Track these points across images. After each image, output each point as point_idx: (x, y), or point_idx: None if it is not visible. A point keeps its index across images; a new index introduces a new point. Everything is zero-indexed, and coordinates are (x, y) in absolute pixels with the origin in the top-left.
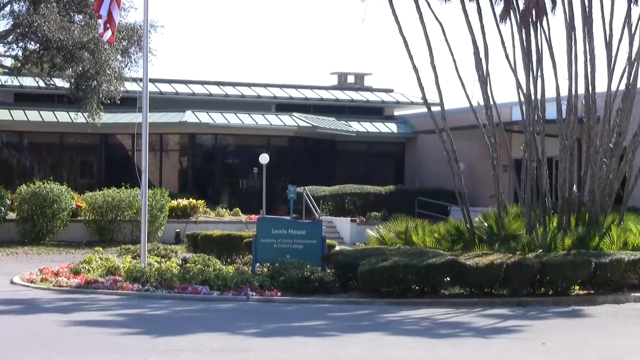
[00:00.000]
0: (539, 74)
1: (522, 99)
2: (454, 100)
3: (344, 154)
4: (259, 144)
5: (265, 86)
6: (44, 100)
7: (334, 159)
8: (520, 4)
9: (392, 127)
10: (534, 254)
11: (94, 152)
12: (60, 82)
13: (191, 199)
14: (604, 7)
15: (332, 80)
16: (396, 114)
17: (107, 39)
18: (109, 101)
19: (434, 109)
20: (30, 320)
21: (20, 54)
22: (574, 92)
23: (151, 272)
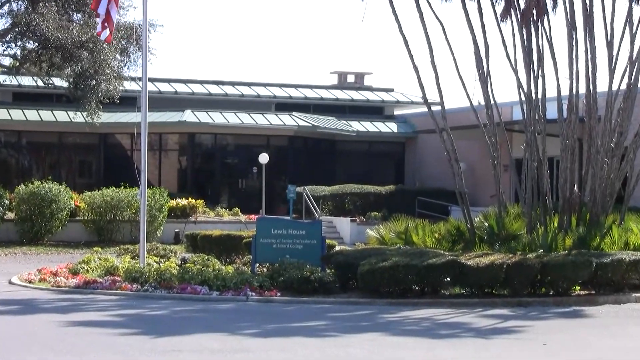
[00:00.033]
0: (540, 73)
1: (523, 98)
2: (455, 99)
3: (344, 153)
4: (259, 144)
5: (264, 85)
6: (42, 99)
7: (334, 158)
8: (521, 3)
9: (392, 127)
10: (534, 254)
11: (93, 151)
12: (58, 82)
13: (190, 199)
14: (605, 6)
15: (332, 79)
16: (396, 113)
17: (104, 38)
18: (108, 100)
19: (434, 108)
20: (28, 320)
21: (18, 53)
22: (575, 91)
23: (150, 273)
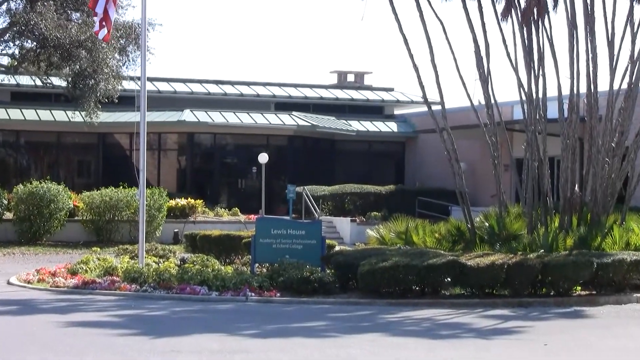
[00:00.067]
0: (541, 72)
1: (524, 97)
2: (455, 99)
3: (344, 153)
4: (258, 144)
5: (264, 85)
6: (41, 99)
7: (333, 158)
8: (521, 2)
9: (392, 126)
10: (535, 254)
11: (92, 151)
12: (57, 81)
13: (190, 199)
14: (606, 5)
15: (332, 78)
16: (396, 113)
17: (102, 37)
18: (107, 100)
19: (434, 107)
20: (27, 321)
21: (17, 52)
22: (575, 90)
23: (149, 273)
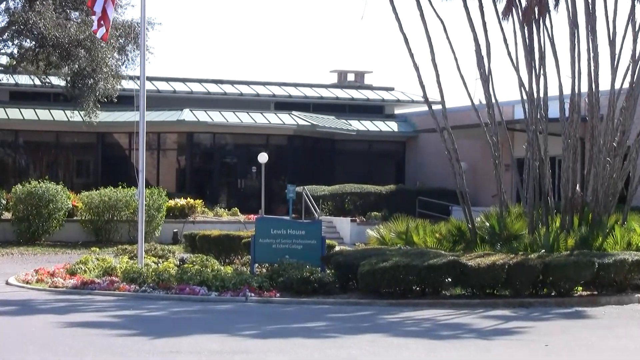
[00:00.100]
0: (542, 72)
1: (525, 97)
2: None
3: (344, 153)
4: (258, 143)
5: (264, 84)
6: (39, 98)
7: (333, 158)
8: (522, 1)
9: (392, 126)
10: (536, 255)
11: (91, 151)
12: (56, 80)
13: (189, 199)
14: (607, 4)
15: (332, 78)
16: (397, 112)
17: (101, 36)
18: (106, 99)
19: (435, 107)
20: (25, 321)
21: (15, 51)
22: (577, 90)
23: (148, 273)
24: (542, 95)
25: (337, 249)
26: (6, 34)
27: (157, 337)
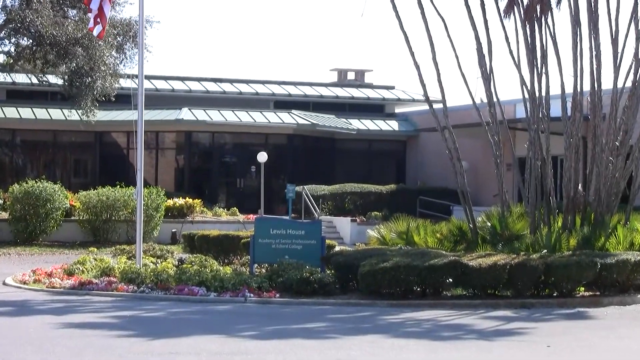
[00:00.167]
0: (544, 70)
1: (526, 96)
2: (457, 97)
3: (344, 152)
4: (257, 142)
5: (263, 83)
6: (37, 97)
7: (333, 157)
8: None
9: (393, 125)
10: (538, 255)
11: (88, 150)
12: (53, 79)
13: (188, 199)
14: (610, 2)
15: (332, 76)
16: (397, 111)
17: (97, 34)
18: (104, 98)
19: (436, 106)
20: (22, 322)
21: (12, 50)
22: (579, 89)
23: (147, 273)
24: (544, 94)
25: (337, 249)
26: (3, 32)
27: (156, 338)
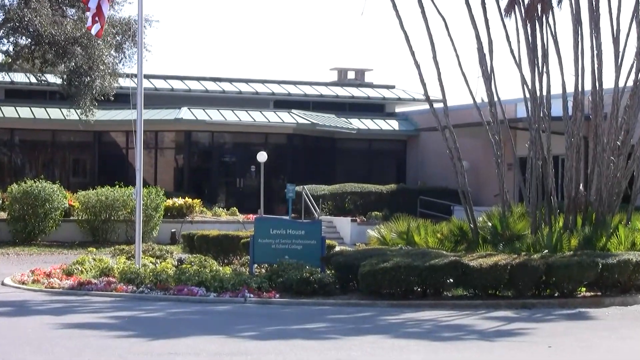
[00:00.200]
0: (545, 69)
1: (527, 95)
2: (457, 96)
3: (344, 152)
4: (257, 142)
5: (263, 82)
6: (35, 96)
7: (333, 157)
8: None
9: (393, 124)
10: (539, 255)
11: (87, 149)
12: (52, 78)
13: (187, 198)
14: (611, 1)
15: (332, 76)
16: (398, 110)
17: (95, 32)
18: (103, 97)
19: (436, 105)
20: (21, 322)
21: (11, 49)
22: (580, 88)
23: (146, 274)
24: (545, 93)
25: (337, 249)
26: (1, 31)
27: (155, 338)
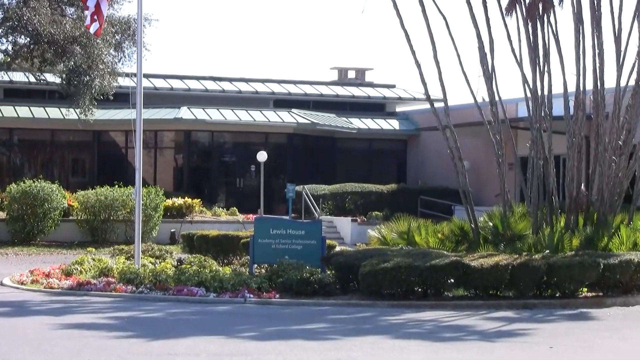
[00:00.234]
0: (546, 69)
1: (529, 95)
2: (458, 96)
3: (345, 151)
4: (257, 141)
5: (263, 81)
6: (34, 95)
7: (334, 156)
8: None
9: (394, 124)
10: (540, 255)
11: (86, 149)
12: (51, 78)
13: (187, 198)
14: (613, 0)
15: (332, 75)
16: (398, 110)
17: (94, 31)
18: (102, 97)
19: (437, 105)
20: (20, 323)
21: (9, 48)
22: (581, 87)
23: (145, 274)
24: (546, 92)
25: (338, 249)
26: (0, 30)
27: (154, 339)
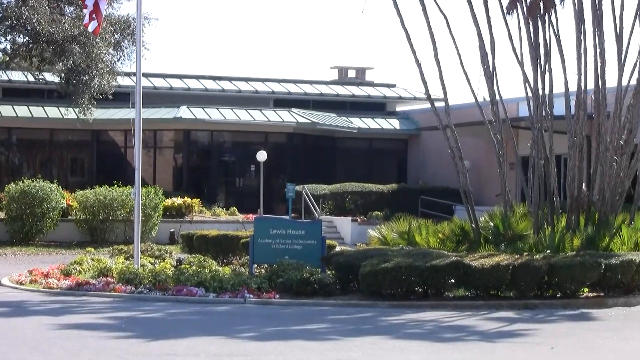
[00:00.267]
0: (547, 68)
1: (530, 94)
2: (459, 95)
3: (345, 151)
4: (257, 141)
5: (263, 81)
6: (33, 95)
7: (334, 156)
8: None
9: (394, 123)
10: (541, 255)
11: (85, 149)
12: (50, 77)
13: (186, 198)
14: None
15: (332, 74)
16: (399, 109)
17: (92, 30)
18: (101, 96)
19: (437, 104)
20: (18, 323)
21: (8, 47)
22: (583, 87)
23: (145, 274)
24: (547, 92)
25: (338, 249)
26: None
27: (154, 339)
